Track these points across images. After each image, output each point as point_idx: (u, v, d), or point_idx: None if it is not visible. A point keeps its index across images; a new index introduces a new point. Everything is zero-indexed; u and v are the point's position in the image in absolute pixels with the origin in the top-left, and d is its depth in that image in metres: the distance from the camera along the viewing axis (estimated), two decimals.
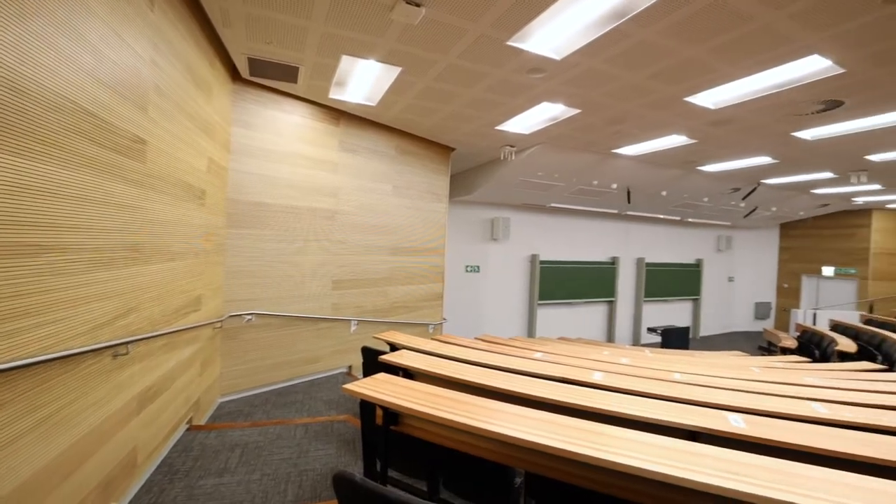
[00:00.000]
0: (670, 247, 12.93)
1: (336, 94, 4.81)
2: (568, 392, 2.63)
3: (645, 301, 12.27)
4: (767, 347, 11.15)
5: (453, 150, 6.90)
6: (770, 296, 14.18)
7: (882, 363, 6.87)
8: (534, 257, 10.43)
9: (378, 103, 4.96)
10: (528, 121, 5.36)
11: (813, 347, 8.81)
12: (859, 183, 7.75)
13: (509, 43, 3.40)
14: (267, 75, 4.36)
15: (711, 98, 4.39)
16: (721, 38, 3.18)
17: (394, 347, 4.08)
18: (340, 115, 5.39)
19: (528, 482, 1.83)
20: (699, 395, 2.75)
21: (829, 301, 12.48)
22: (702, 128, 5.28)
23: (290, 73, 4.26)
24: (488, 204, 9.74)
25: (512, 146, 6.42)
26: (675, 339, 10.45)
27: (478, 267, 9.81)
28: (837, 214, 12.20)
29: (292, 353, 5.06)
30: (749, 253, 14.23)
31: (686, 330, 10.93)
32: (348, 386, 2.39)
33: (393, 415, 2.34)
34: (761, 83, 3.99)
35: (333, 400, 4.60)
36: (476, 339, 6.07)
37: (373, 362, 3.52)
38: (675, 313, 13.14)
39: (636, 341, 12.25)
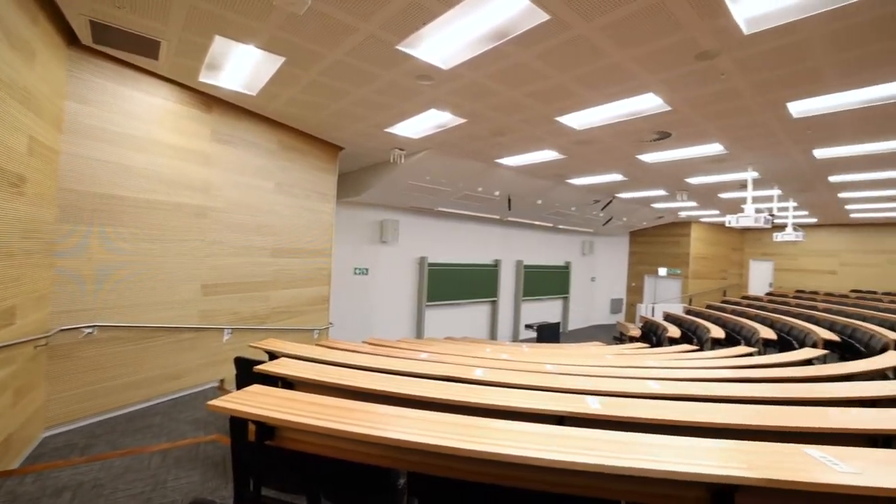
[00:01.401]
0: (544, 250, 14.34)
1: (208, 78, 4.30)
2: (451, 390, 2.74)
3: (523, 300, 13.39)
4: (620, 337, 13.04)
5: (342, 149, 6.70)
6: (622, 293, 16.63)
7: (696, 344, 8.54)
8: (422, 259, 10.65)
9: (259, 93, 4.57)
10: (417, 126, 5.46)
11: (652, 335, 10.55)
12: (682, 200, 9.57)
13: (399, 47, 3.42)
14: (118, 45, 3.70)
15: (577, 120, 4.99)
16: (583, 68, 3.64)
17: (273, 356, 3.78)
18: (213, 101, 4.83)
19: (411, 482, 1.84)
20: (565, 383, 3.10)
21: (664, 296, 15.13)
22: (569, 145, 5.97)
23: (148, 47, 3.68)
24: (378, 206, 9.66)
25: (401, 149, 6.47)
26: (548, 333, 11.62)
27: (367, 269, 9.65)
28: (669, 225, 14.88)
29: (150, 370, 4.36)
30: (607, 256, 16.50)
31: (557, 325, 12.24)
32: (214, 402, 2.14)
33: (268, 429, 2.16)
34: (615, 111, 4.66)
35: (202, 419, 4.08)
36: (363, 342, 5.96)
37: (248, 373, 3.22)
38: (548, 310, 14.59)
39: (516, 337, 13.30)
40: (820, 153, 5.73)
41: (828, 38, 3.02)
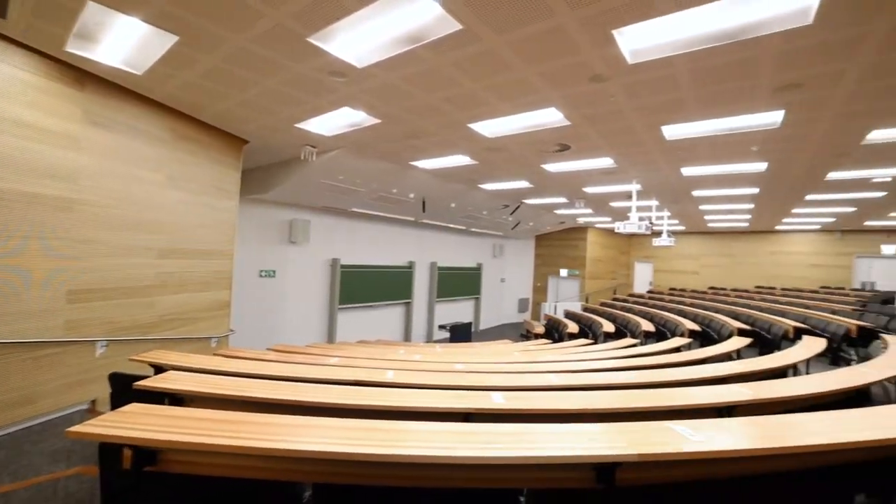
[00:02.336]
0: (458, 252, 14.76)
1: (78, 49, 3.69)
2: (361, 394, 2.69)
3: (437, 301, 13.63)
4: (526, 334, 13.89)
5: (247, 142, 6.22)
6: (528, 293, 17.76)
7: (592, 338, 9.44)
8: (335, 261, 10.30)
9: (146, 73, 4.05)
10: (330, 123, 5.28)
11: (554, 331, 11.41)
12: (580, 207, 10.53)
13: (310, 39, 3.28)
14: None
15: (488, 128, 5.23)
16: (494, 79, 3.83)
17: (160, 369, 3.37)
18: (88, 77, 4.16)
19: (317, 493, 1.78)
20: (473, 381, 3.22)
21: (565, 295, 16.48)
22: (481, 152, 6.23)
23: None
24: (287, 205, 9.14)
25: (314, 146, 6.20)
26: (460, 333, 11.97)
27: (274, 271, 9.07)
28: (569, 230, 16.26)
29: None
30: (515, 258, 17.49)
31: (469, 325, 12.66)
32: (76, 428, 1.85)
33: (148, 453, 1.92)
34: (523, 122, 4.98)
35: (62, 450, 3.48)
36: (268, 349, 5.59)
37: (127, 391, 2.83)
38: (461, 310, 15.03)
39: (430, 338, 13.48)
40: (686, 171, 6.72)
41: (693, 74, 3.56)
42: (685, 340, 6.91)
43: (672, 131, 4.96)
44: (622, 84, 3.80)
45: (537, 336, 11.60)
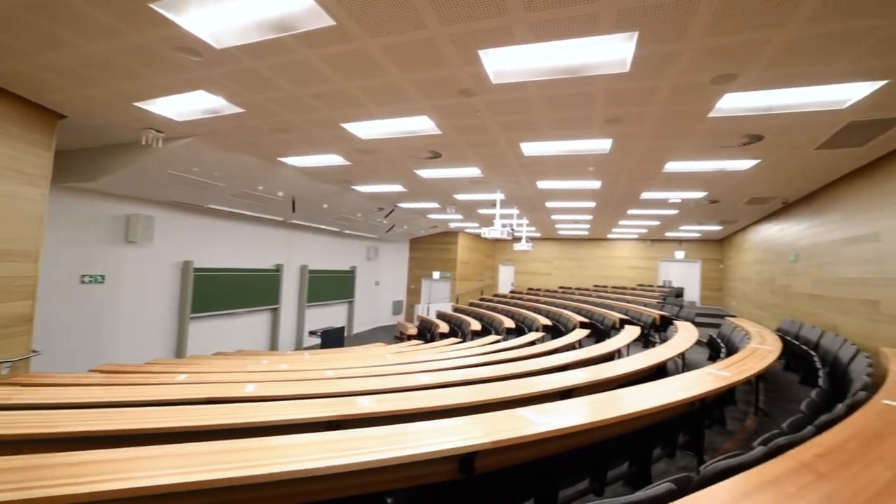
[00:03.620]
0: (330, 255, 14.21)
1: None
2: (216, 413, 2.40)
3: (308, 306, 12.91)
4: (400, 336, 14.06)
5: (63, 117, 5.03)
6: (402, 295, 18.00)
7: (461, 337, 10.01)
8: (186, 264, 8.99)
9: None
10: (182, 106, 4.60)
11: (427, 332, 11.78)
12: (451, 213, 11.10)
13: (153, 6, 2.82)
14: None
15: (362, 129, 5.16)
16: (367, 81, 3.80)
17: None
18: None
19: None
20: (343, 387, 3.14)
21: (437, 297, 17.14)
22: (354, 153, 6.12)
23: None
24: (123, 197, 7.66)
25: (159, 131, 5.32)
26: (332, 339, 11.53)
27: (103, 276, 7.49)
28: (442, 234, 17.00)
29: None
30: (390, 261, 17.57)
31: (342, 329, 12.28)
32: None
33: None
34: (396, 127, 5.04)
35: None
36: (91, 371, 4.61)
37: None
38: (333, 315, 14.49)
39: (300, 345, 12.68)
40: (540, 184, 7.62)
41: (544, 100, 4.06)
42: (539, 334, 7.81)
43: (529, 148, 5.58)
44: (487, 101, 4.13)
45: (410, 337, 11.84)
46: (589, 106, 4.15)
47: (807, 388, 4.55)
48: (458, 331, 10.95)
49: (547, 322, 9.56)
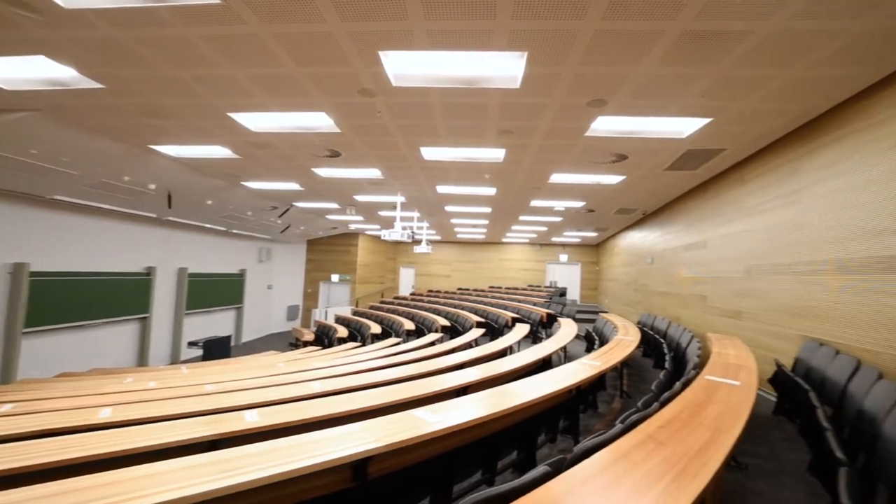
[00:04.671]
0: (216, 256, 12.85)
1: None
2: (57, 447, 2.01)
3: (187, 314, 11.49)
4: (295, 343, 13.27)
5: None
6: (298, 299, 17.00)
7: (360, 341, 9.80)
8: (18, 267, 7.36)
9: None
10: (14, 71, 3.77)
11: (324, 337, 11.31)
12: (351, 214, 10.83)
13: None
14: None
15: (254, 121, 4.78)
16: (259, 70, 3.54)
17: None
18: None
19: None
20: (225, 402, 2.86)
21: (336, 300, 16.54)
22: (245, 146, 5.63)
23: None
24: None
25: None
26: (216, 349, 10.41)
27: None
28: (342, 235, 16.46)
29: None
30: (284, 263, 16.48)
31: (228, 338, 11.16)
32: None
33: None
34: (292, 122, 4.77)
35: None
36: None
37: None
38: (219, 323, 13.11)
39: (176, 358, 11.22)
40: (440, 188, 7.84)
41: (444, 107, 4.19)
42: (438, 335, 8.00)
43: (429, 153, 5.70)
44: (387, 103, 4.13)
45: (307, 344, 11.24)
46: (485, 116, 4.39)
47: (658, 371, 5.39)
48: (357, 335, 10.70)
49: (446, 323, 9.83)
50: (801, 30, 2.77)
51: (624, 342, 5.29)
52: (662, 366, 4.84)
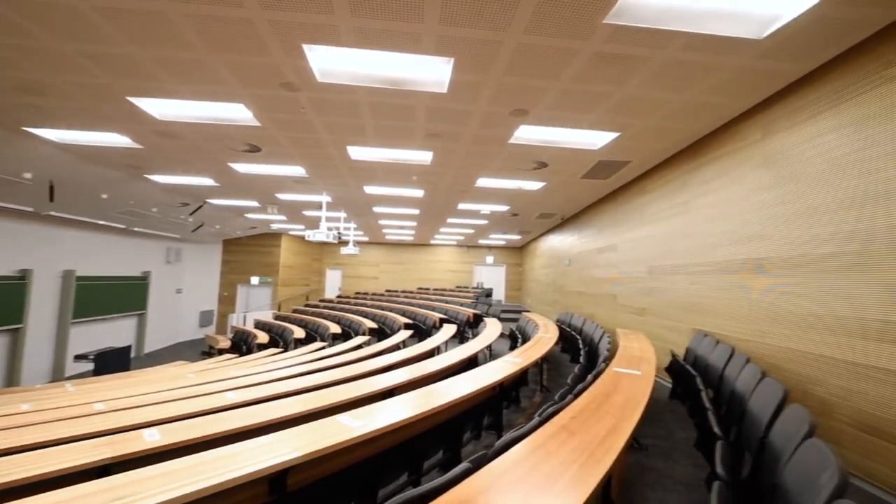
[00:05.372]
0: (113, 257, 11.42)
1: None
2: None
3: (74, 323, 10.05)
4: (209, 351, 12.23)
5: None
6: (213, 304, 15.69)
7: (282, 346, 9.30)
8: None
9: None
10: None
11: (242, 344, 10.56)
12: (273, 213, 10.24)
13: None
14: None
15: (158, 108, 4.33)
16: (165, 51, 3.21)
17: None
18: None
19: None
20: (120, 421, 2.55)
21: (256, 304, 15.51)
22: (148, 135, 5.07)
23: None
24: None
25: None
26: (113, 362, 9.22)
27: None
28: (262, 235, 15.49)
29: None
30: (197, 265, 15.11)
31: (127, 349, 9.95)
32: None
33: None
34: (205, 112, 4.39)
35: None
36: None
37: None
38: (115, 332, 11.64)
39: (59, 375, 9.75)
40: (368, 189, 7.71)
41: (372, 107, 4.13)
42: (365, 338, 7.85)
43: (356, 152, 5.58)
44: (312, 98, 3.98)
45: (222, 351, 10.42)
46: (413, 119, 4.41)
47: (574, 365, 5.80)
48: (279, 340, 10.13)
49: (373, 325, 9.68)
50: (689, 61, 3.16)
51: (544, 339, 5.61)
52: (578, 360, 5.21)
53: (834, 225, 3.09)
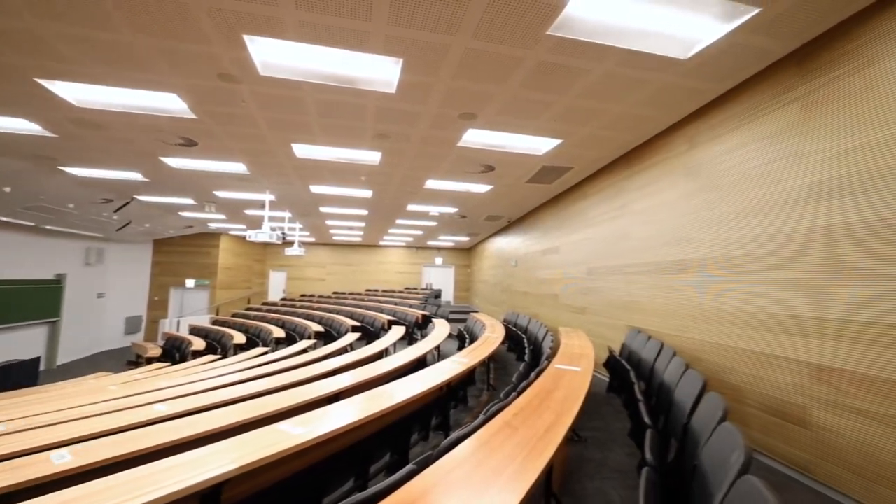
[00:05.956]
0: (19, 258, 10.17)
1: None
2: None
3: None
4: (136, 361, 11.26)
5: None
6: (142, 309, 14.45)
7: (221, 353, 8.78)
8: None
9: None
10: None
11: (175, 352, 9.84)
12: (211, 212, 9.64)
13: None
14: None
15: (76, 93, 3.93)
16: (81, 30, 2.93)
17: None
18: None
19: None
20: (21, 444, 2.28)
21: (192, 309, 14.48)
22: (64, 123, 4.58)
23: None
24: None
25: None
26: (15, 376, 8.22)
27: None
28: (199, 235, 14.51)
29: None
30: (122, 267, 13.84)
31: (35, 362, 8.92)
32: None
33: None
34: (134, 100, 4.05)
35: None
36: None
37: None
38: (19, 343, 10.36)
39: None
40: (314, 188, 7.48)
41: (319, 104, 4.02)
42: (311, 342, 7.60)
43: (302, 150, 5.40)
44: (254, 92, 3.80)
45: (151, 360, 9.64)
46: (361, 118, 4.34)
47: (520, 363, 5.98)
48: (217, 346, 9.54)
49: (319, 328, 9.39)
50: (624, 75, 3.38)
51: (490, 339, 5.73)
52: (523, 358, 5.37)
53: (746, 230, 3.44)
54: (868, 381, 2.50)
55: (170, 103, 4.08)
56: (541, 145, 5.11)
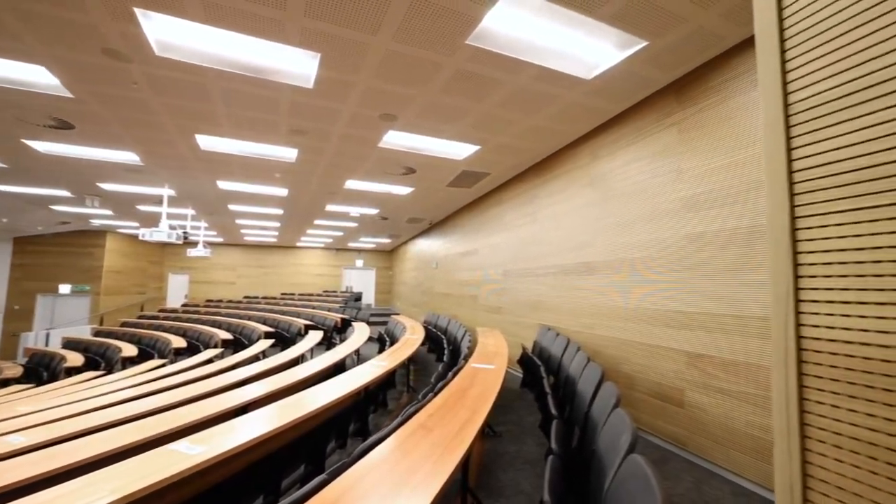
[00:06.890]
0: None
1: None
2: None
3: None
4: None
5: None
6: None
7: (105, 368, 7.69)
8: None
9: None
10: None
11: (42, 370, 8.40)
12: (94, 206, 8.41)
13: None
14: None
15: None
16: None
17: None
18: None
19: None
20: None
21: (67, 318, 12.45)
22: None
23: None
24: None
25: None
26: None
27: None
28: (78, 233, 12.55)
29: None
30: None
31: None
32: None
33: None
34: None
35: None
36: None
37: None
38: None
39: None
40: (222, 184, 6.89)
41: (225, 93, 3.71)
42: (217, 351, 6.98)
43: (207, 142, 4.95)
44: (148, 74, 3.40)
45: (8, 382, 8.12)
46: (275, 112, 4.10)
47: (439, 364, 6.07)
48: (100, 361, 8.32)
49: (228, 336, 8.65)
50: (536, 89, 3.61)
51: (410, 341, 5.74)
52: (443, 359, 5.46)
53: (637, 235, 3.87)
54: (729, 365, 2.96)
55: (36, 76, 3.50)
56: (460, 150, 5.25)
